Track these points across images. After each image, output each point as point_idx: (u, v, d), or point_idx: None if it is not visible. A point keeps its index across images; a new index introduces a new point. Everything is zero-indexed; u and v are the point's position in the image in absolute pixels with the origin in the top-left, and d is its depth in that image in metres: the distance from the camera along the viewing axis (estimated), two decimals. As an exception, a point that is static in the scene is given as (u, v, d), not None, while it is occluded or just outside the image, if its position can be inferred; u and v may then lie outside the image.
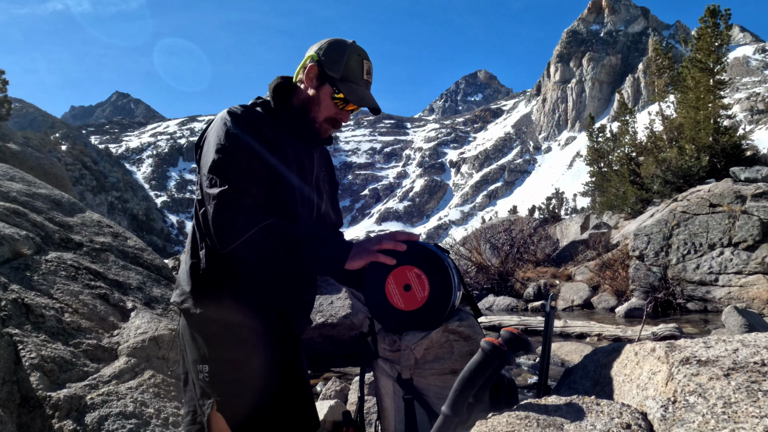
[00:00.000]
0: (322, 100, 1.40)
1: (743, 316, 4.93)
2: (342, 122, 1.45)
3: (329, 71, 1.37)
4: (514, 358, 1.13)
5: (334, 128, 1.45)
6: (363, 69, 1.40)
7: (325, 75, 1.38)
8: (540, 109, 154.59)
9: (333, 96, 1.39)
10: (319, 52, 1.40)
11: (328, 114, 1.41)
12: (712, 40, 12.55)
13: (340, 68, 1.37)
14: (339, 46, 1.39)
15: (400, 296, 1.29)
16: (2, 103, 18.23)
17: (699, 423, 0.82)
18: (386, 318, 1.33)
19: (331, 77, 1.37)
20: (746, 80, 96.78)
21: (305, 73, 1.40)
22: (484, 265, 10.61)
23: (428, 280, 1.27)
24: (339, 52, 1.38)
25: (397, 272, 1.30)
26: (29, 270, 2.44)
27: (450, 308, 1.29)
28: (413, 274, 1.29)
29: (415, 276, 1.28)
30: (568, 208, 30.91)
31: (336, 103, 1.40)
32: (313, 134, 1.44)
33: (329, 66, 1.38)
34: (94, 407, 1.90)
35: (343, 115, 1.43)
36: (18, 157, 10.84)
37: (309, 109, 1.41)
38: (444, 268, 1.29)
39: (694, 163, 11.45)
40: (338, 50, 1.39)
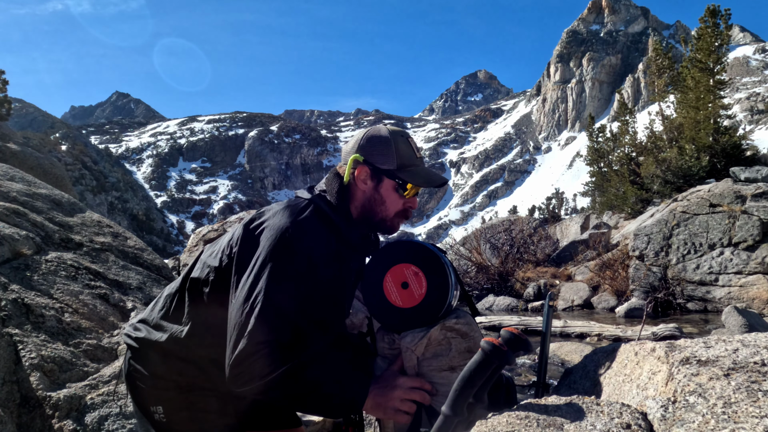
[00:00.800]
0: (386, 198, 1.30)
1: (743, 316, 4.93)
2: (413, 209, 1.37)
3: (383, 165, 1.29)
4: (514, 358, 1.12)
5: (406, 219, 1.37)
6: (413, 149, 1.34)
7: (380, 171, 1.29)
8: (540, 109, 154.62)
9: (396, 189, 1.30)
10: (362, 151, 1.30)
11: (397, 208, 1.32)
12: (712, 40, 12.55)
13: (393, 159, 1.29)
14: (381, 138, 1.31)
15: (398, 294, 1.29)
16: (2, 103, 18.23)
17: (699, 423, 0.82)
18: (385, 316, 1.33)
19: (388, 170, 1.29)
20: (746, 80, 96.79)
21: (356, 177, 1.30)
22: (484, 265, 10.61)
23: (425, 278, 1.28)
24: (385, 144, 1.30)
25: (395, 270, 1.30)
26: (29, 270, 2.44)
27: (447, 305, 1.29)
28: (410, 271, 1.29)
29: (412, 273, 1.28)
30: (568, 208, 30.92)
31: (400, 194, 1.31)
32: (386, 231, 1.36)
33: (380, 161, 1.29)
34: (94, 407, 1.90)
35: (411, 202, 1.34)
36: (18, 157, 10.84)
37: (375, 211, 1.31)
38: (441, 265, 1.29)
39: (694, 163, 11.45)
40: (383, 142, 1.30)
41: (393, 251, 1.33)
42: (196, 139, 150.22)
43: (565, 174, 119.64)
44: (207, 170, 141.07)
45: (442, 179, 1.37)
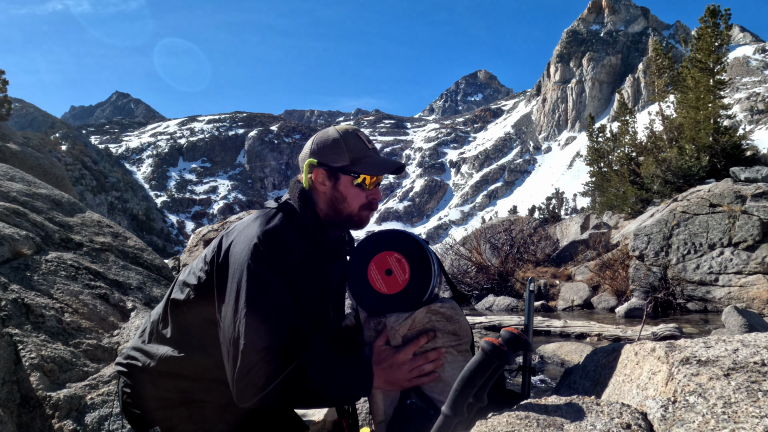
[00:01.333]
0: (346, 194, 1.34)
1: (743, 316, 4.93)
2: (377, 200, 1.40)
3: (336, 164, 1.32)
4: (515, 358, 1.13)
5: (371, 210, 1.39)
6: (363, 141, 1.36)
7: (335, 169, 1.32)
8: (540, 109, 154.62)
9: (354, 183, 1.33)
10: (314, 155, 1.34)
11: (361, 202, 1.35)
12: (712, 40, 12.55)
13: (345, 155, 1.32)
14: (329, 138, 1.34)
15: (383, 280, 1.32)
16: (2, 103, 18.23)
17: (699, 423, 0.82)
18: (370, 302, 1.36)
19: (343, 167, 1.32)
20: (746, 80, 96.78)
21: (316, 182, 1.34)
22: (484, 265, 10.61)
23: (408, 264, 1.30)
24: (333, 142, 1.33)
25: (379, 258, 1.33)
26: (29, 270, 2.44)
27: (431, 291, 1.30)
28: (394, 258, 1.32)
29: (395, 260, 1.31)
30: (568, 208, 30.92)
31: (359, 187, 1.34)
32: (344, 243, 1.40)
33: (333, 160, 1.32)
34: (94, 407, 1.90)
35: (373, 194, 1.37)
36: (18, 157, 10.84)
37: (339, 209, 1.35)
38: (423, 251, 1.32)
39: (694, 163, 11.45)
40: (330, 142, 1.33)
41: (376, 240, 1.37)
42: (196, 139, 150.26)
43: (565, 174, 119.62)
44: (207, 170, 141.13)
45: (396, 164, 1.37)
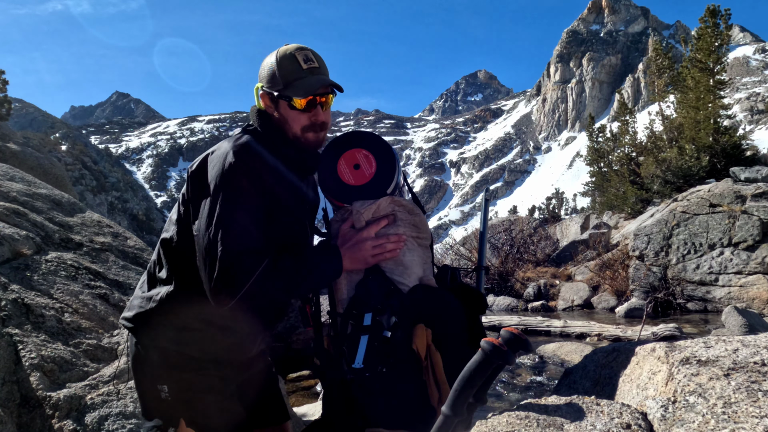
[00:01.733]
0: (287, 117, 1.37)
1: (743, 316, 4.93)
2: (321, 122, 1.39)
3: (273, 89, 1.36)
4: (515, 357, 1.13)
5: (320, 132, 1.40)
6: (298, 62, 1.36)
7: (273, 95, 1.37)
8: (540, 109, 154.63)
9: (290, 106, 1.35)
10: (260, 81, 1.40)
11: (302, 124, 1.37)
12: (712, 40, 12.55)
13: (278, 79, 1.35)
14: (268, 63, 1.38)
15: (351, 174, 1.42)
16: (2, 103, 18.23)
17: (699, 423, 0.82)
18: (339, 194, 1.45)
19: (278, 92, 1.35)
20: (746, 80, 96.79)
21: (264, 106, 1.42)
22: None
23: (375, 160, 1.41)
24: (270, 67, 1.37)
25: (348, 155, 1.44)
26: (29, 270, 2.44)
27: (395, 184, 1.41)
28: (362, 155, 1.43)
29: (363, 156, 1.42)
30: (568, 208, 30.91)
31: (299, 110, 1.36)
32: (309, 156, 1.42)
33: (270, 85, 1.36)
34: (94, 407, 1.90)
35: (315, 116, 1.38)
36: (18, 157, 10.84)
37: (285, 130, 1.39)
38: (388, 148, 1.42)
39: (694, 163, 11.45)
40: (269, 66, 1.37)
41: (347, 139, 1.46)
42: (196, 139, 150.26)
43: (565, 174, 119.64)
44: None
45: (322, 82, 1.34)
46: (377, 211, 1.35)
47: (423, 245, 1.37)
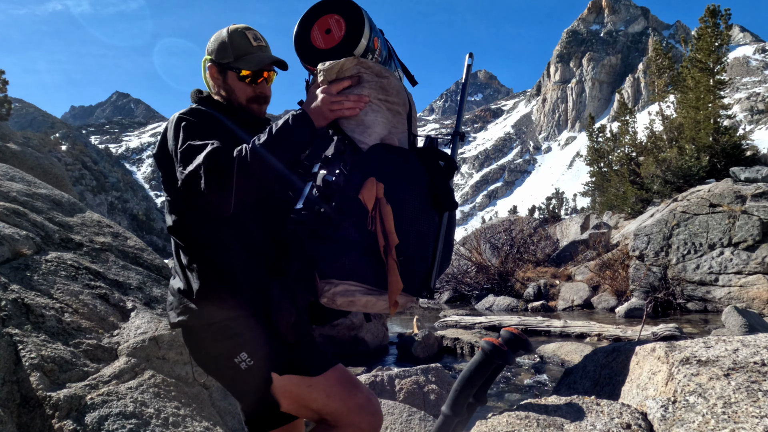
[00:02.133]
0: (233, 87, 1.47)
1: (743, 316, 4.93)
2: (264, 95, 1.51)
3: (223, 60, 1.47)
4: (515, 357, 1.13)
5: (262, 104, 1.52)
6: (249, 39, 1.48)
7: (222, 65, 1.47)
8: (540, 109, 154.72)
9: (239, 77, 1.46)
10: (209, 53, 1.50)
11: (247, 95, 1.48)
12: (712, 40, 12.55)
13: (229, 52, 1.46)
14: (219, 37, 1.49)
15: (322, 38, 1.43)
16: (2, 103, 18.22)
17: (699, 423, 0.82)
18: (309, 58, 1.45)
19: (227, 63, 1.46)
20: (746, 80, 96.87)
21: (209, 77, 1.50)
22: (484, 265, 10.61)
23: (345, 23, 1.41)
24: (222, 41, 1.48)
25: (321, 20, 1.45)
26: (29, 270, 2.43)
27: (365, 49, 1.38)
28: (333, 20, 1.43)
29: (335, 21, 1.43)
30: (568, 208, 30.92)
31: (246, 82, 1.47)
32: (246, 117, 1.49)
33: (220, 56, 1.47)
34: (94, 407, 1.90)
35: (260, 88, 1.49)
36: (18, 157, 10.84)
37: (231, 100, 1.49)
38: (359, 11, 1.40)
39: (694, 163, 11.45)
40: (220, 40, 1.48)
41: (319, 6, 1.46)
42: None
43: (565, 174, 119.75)
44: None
45: (272, 59, 1.48)
46: (341, 71, 1.33)
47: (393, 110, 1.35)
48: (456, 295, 10.43)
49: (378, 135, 1.30)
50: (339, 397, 1.29)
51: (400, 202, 1.24)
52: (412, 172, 1.30)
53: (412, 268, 1.23)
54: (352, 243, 1.19)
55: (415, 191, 1.28)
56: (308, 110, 1.32)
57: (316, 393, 1.28)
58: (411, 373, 3.42)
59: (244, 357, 1.28)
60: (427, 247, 1.28)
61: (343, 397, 1.30)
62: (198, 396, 2.31)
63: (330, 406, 1.29)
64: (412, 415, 2.74)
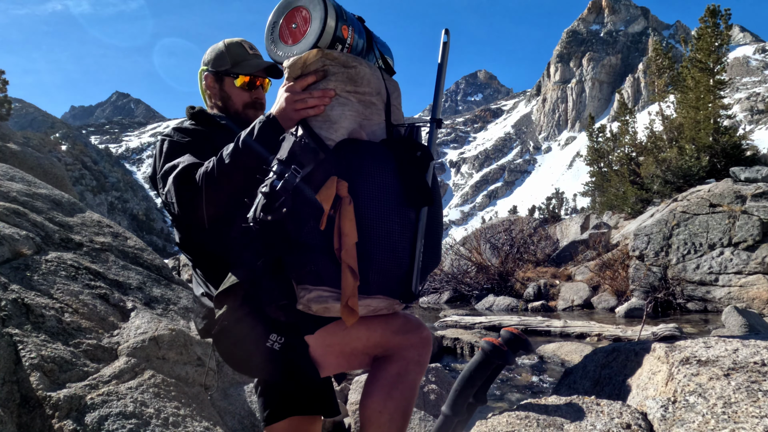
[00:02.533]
0: (230, 93, 1.52)
1: (743, 316, 4.93)
2: (261, 101, 1.56)
3: (220, 68, 1.52)
4: (515, 357, 1.13)
5: (258, 110, 1.56)
6: (245, 48, 1.54)
7: (219, 73, 1.52)
8: (540, 109, 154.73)
9: (236, 83, 1.51)
10: (205, 64, 1.55)
11: (244, 100, 1.53)
12: (712, 40, 12.55)
13: (226, 59, 1.52)
14: (216, 48, 1.55)
15: (289, 33, 1.39)
16: (2, 103, 18.23)
17: (699, 423, 0.82)
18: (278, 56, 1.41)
19: (225, 70, 1.51)
20: (746, 80, 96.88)
21: (206, 86, 1.54)
22: (484, 265, 10.61)
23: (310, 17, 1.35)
24: (219, 51, 1.53)
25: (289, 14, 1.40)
26: (29, 270, 2.44)
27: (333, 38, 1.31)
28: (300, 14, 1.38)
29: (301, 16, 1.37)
30: (568, 208, 30.93)
31: (242, 87, 1.52)
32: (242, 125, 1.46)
33: (217, 65, 1.53)
34: (94, 407, 1.90)
35: (257, 94, 1.54)
36: (18, 157, 10.84)
37: (227, 107, 1.53)
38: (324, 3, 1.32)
39: (694, 163, 11.45)
40: (217, 50, 1.54)
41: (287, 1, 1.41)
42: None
43: (565, 174, 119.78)
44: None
45: (266, 64, 1.52)
46: (305, 66, 1.28)
47: (364, 101, 1.28)
48: (456, 295, 10.44)
49: (345, 130, 1.24)
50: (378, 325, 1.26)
51: (367, 200, 1.18)
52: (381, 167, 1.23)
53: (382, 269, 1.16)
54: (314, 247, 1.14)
55: (384, 187, 1.21)
56: (275, 113, 1.26)
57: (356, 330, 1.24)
58: (411, 373, 3.41)
59: (274, 338, 1.25)
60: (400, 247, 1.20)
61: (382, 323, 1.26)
62: (198, 396, 2.31)
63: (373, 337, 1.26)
64: (412, 415, 2.74)
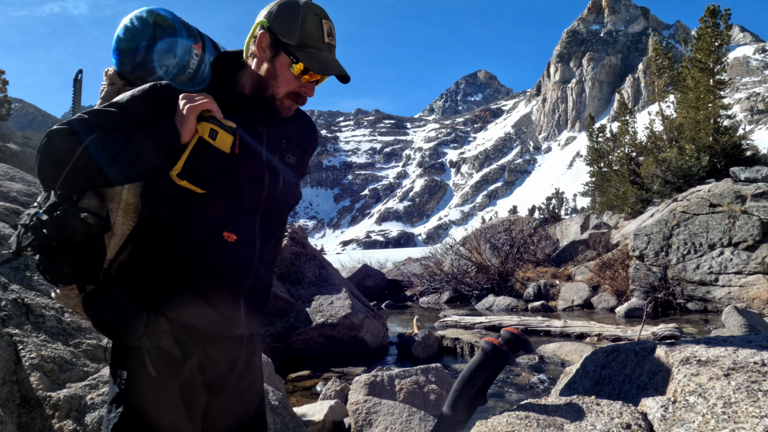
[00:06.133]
0: (279, 73, 1.21)
1: (743, 316, 4.93)
2: (306, 96, 1.26)
3: (283, 38, 1.18)
4: (515, 357, 1.13)
5: (297, 104, 1.28)
6: (323, 31, 1.21)
7: (279, 43, 1.19)
8: (540, 109, 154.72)
9: (291, 66, 1.20)
10: (269, 17, 1.20)
11: (289, 88, 1.23)
12: (712, 40, 12.55)
13: (295, 33, 1.18)
14: (291, 7, 1.20)
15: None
16: (2, 103, 18.22)
17: (699, 423, 0.82)
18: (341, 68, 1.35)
19: (286, 44, 1.18)
20: (746, 80, 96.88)
21: (256, 43, 1.21)
22: (484, 265, 10.61)
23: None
24: (292, 15, 1.19)
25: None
26: (29, 270, 2.43)
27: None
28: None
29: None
30: (568, 208, 30.93)
31: (298, 75, 1.21)
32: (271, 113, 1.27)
33: (282, 32, 1.18)
34: (94, 407, 1.90)
35: (306, 88, 1.24)
36: (18, 157, 10.85)
37: (266, 85, 1.23)
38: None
39: (694, 163, 11.45)
40: (291, 12, 1.19)
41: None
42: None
43: (565, 174, 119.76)
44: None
45: (339, 71, 1.22)
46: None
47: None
48: (456, 295, 10.44)
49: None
50: None
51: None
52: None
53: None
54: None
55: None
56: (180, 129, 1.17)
57: None
58: (411, 373, 3.42)
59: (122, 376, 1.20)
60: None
61: None
62: (198, 396, 2.31)
63: None
64: (412, 415, 2.74)
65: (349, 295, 5.71)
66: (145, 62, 1.29)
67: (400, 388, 3.28)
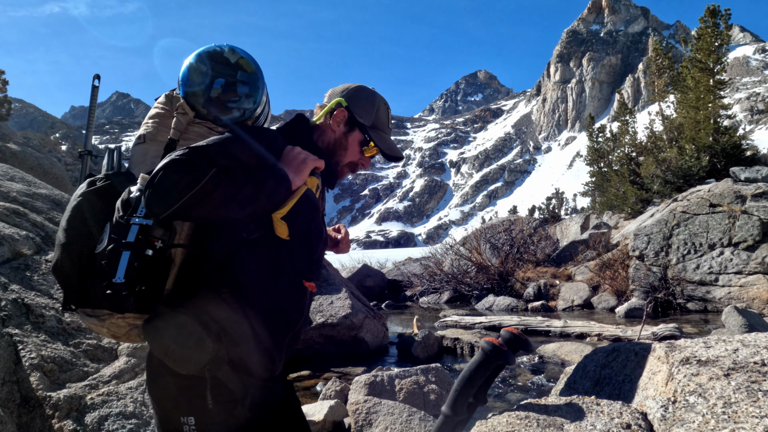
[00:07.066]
0: (349, 146, 1.42)
1: (743, 316, 4.93)
2: (362, 168, 1.48)
3: (360, 118, 1.40)
4: (514, 357, 1.13)
5: (352, 173, 1.49)
6: (389, 118, 1.47)
7: (355, 121, 1.40)
8: (540, 109, 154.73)
9: (361, 142, 1.42)
10: (347, 98, 1.42)
11: (353, 159, 1.44)
12: (712, 40, 12.55)
13: (371, 116, 1.42)
14: (368, 94, 1.44)
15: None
16: (2, 103, 18.22)
17: (699, 423, 0.82)
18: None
19: (362, 124, 1.40)
20: (746, 80, 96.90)
21: (333, 117, 1.41)
22: (484, 265, 10.61)
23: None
24: (369, 101, 1.43)
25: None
26: (29, 270, 2.43)
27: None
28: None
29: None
30: (568, 208, 30.93)
31: (362, 149, 1.43)
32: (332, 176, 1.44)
33: (360, 113, 1.41)
34: (94, 407, 1.90)
35: (364, 161, 1.46)
36: (18, 157, 10.84)
37: (335, 152, 1.42)
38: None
39: (694, 163, 11.45)
40: (368, 98, 1.43)
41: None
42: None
43: (565, 174, 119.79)
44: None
45: (399, 154, 1.46)
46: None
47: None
48: (456, 295, 10.43)
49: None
50: None
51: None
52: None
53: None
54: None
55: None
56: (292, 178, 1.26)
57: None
58: (411, 373, 3.42)
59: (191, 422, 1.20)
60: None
61: None
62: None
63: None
64: (412, 415, 2.74)
65: (349, 295, 5.71)
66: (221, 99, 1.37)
67: (400, 388, 3.28)
